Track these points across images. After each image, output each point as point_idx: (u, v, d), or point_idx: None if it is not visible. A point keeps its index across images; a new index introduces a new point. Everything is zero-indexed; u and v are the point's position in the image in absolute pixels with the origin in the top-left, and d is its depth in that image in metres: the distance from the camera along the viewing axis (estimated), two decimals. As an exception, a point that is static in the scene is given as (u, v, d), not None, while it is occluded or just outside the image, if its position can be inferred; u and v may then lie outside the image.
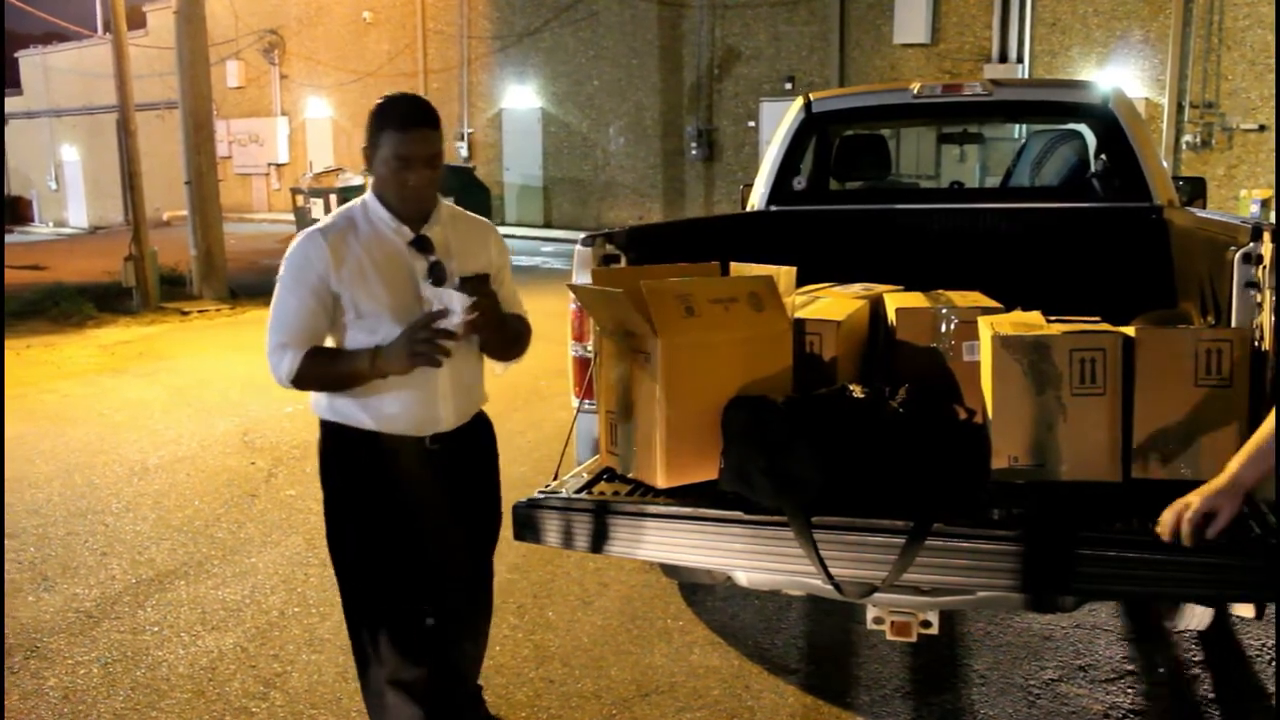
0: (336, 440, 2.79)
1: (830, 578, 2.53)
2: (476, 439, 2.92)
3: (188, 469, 6.48)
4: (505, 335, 2.82)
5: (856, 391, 2.80)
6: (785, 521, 2.56)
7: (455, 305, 2.49)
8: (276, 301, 2.68)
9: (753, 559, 2.73)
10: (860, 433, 2.67)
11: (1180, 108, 14.39)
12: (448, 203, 2.83)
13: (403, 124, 2.59)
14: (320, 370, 2.66)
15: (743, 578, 3.13)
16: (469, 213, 2.91)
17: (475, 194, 19.77)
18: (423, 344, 2.50)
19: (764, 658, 3.97)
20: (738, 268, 3.34)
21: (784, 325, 2.93)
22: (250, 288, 13.77)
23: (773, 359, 2.88)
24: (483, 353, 2.86)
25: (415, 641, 2.86)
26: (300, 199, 22.41)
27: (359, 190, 23.11)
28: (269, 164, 28.75)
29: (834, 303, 3.34)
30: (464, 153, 23.40)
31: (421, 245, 2.68)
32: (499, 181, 22.67)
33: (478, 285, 2.56)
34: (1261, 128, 13.79)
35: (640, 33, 20.02)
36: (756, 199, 5.20)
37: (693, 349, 2.74)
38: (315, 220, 20.66)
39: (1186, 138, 14.33)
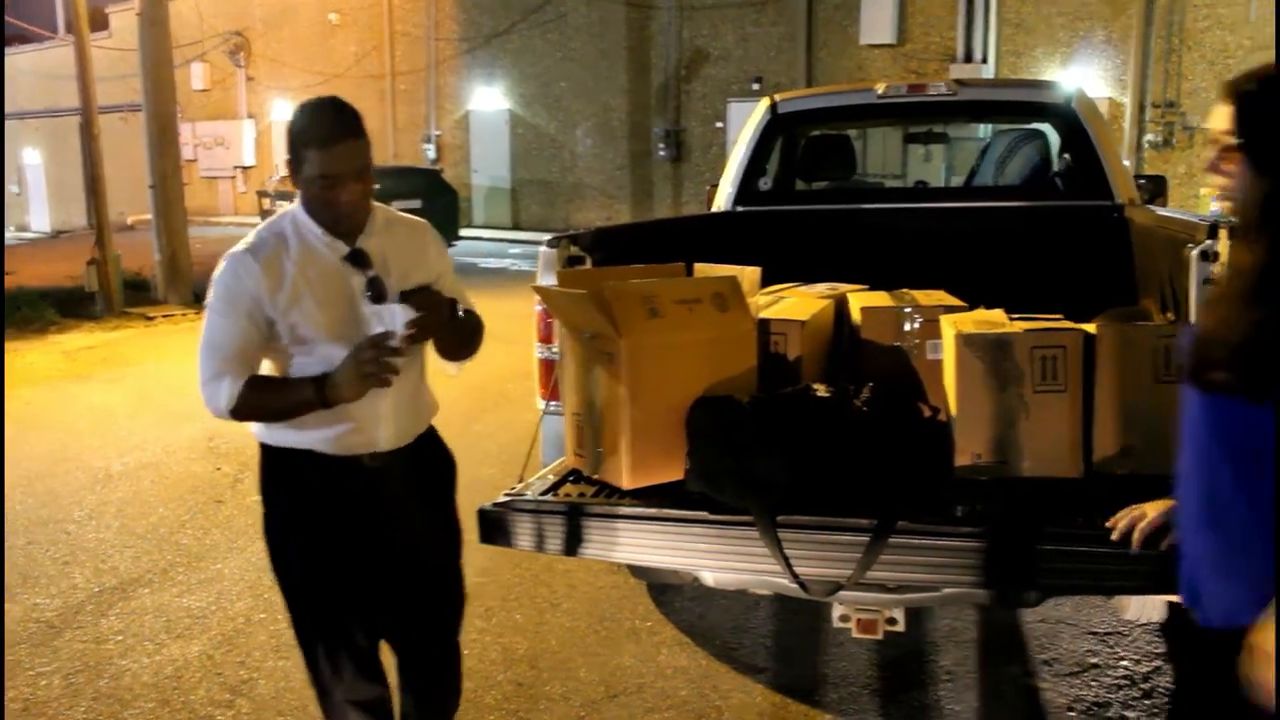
0: (273, 462, 2.62)
1: (795, 577, 2.53)
2: (423, 455, 2.72)
3: (152, 475, 6.42)
4: (456, 337, 2.65)
5: (821, 391, 2.81)
6: (751, 521, 2.57)
7: (398, 323, 2.34)
8: (208, 328, 2.47)
9: (719, 559, 2.74)
10: (825, 432, 2.67)
11: (1142, 107, 14.54)
12: (381, 205, 2.65)
13: (325, 140, 2.35)
14: (262, 401, 2.47)
15: (709, 578, 3.13)
16: (403, 214, 2.72)
17: (442, 196, 19.70)
18: (370, 365, 2.31)
19: (732, 657, 3.97)
20: (702, 268, 3.34)
21: (748, 325, 2.93)
22: (216, 292, 13.64)
23: (737, 359, 2.89)
24: (439, 354, 2.71)
25: (368, 661, 2.73)
26: (267, 202, 22.26)
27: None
28: (235, 167, 28.55)
29: (798, 302, 3.35)
30: (431, 155, 23.32)
31: (357, 260, 2.48)
32: (466, 183, 22.60)
33: (420, 298, 2.40)
34: (1222, 127, 13.95)
35: (608, 34, 20.02)
36: (723, 200, 5.20)
37: (657, 350, 2.74)
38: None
39: (1149, 137, 14.49)
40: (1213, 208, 12.09)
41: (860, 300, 3.39)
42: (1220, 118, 1.82)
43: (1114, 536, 2.22)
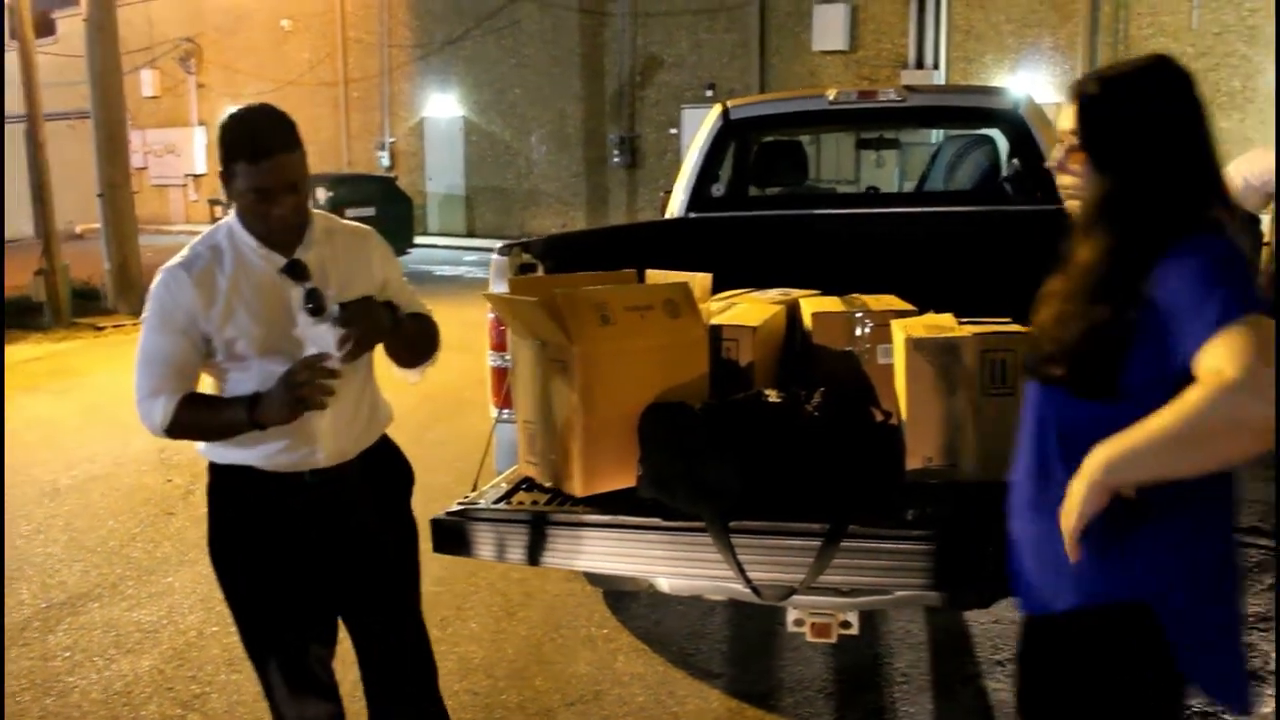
0: (217, 478, 2.55)
1: (748, 582, 2.54)
2: (375, 467, 2.63)
3: (102, 488, 6.33)
4: (404, 344, 2.56)
5: (772, 396, 2.82)
6: (704, 527, 2.57)
7: (330, 343, 2.27)
8: (143, 344, 2.41)
9: (673, 565, 2.74)
10: (776, 437, 2.69)
11: (1090, 113, 14.75)
12: (322, 213, 2.56)
13: (254, 154, 2.27)
14: (195, 420, 2.40)
15: (664, 584, 3.13)
16: (346, 222, 2.63)
17: (397, 204, 19.59)
18: (303, 389, 2.23)
19: (688, 663, 3.98)
20: (654, 275, 3.35)
21: (700, 332, 2.94)
22: (167, 301, 13.48)
23: (689, 365, 2.90)
24: (394, 362, 2.62)
25: (319, 679, 2.66)
26: (219, 210, 22.02)
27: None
28: (186, 175, 28.23)
29: (750, 308, 3.36)
30: (385, 162, 23.20)
31: (294, 271, 2.37)
32: (421, 191, 22.50)
33: (354, 311, 2.31)
34: (1167, 132, 14.19)
35: (562, 41, 20.02)
36: (676, 206, 5.22)
37: (609, 357, 2.74)
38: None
39: (1097, 141, 14.70)
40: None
41: (812, 305, 3.40)
42: (1066, 118, 1.86)
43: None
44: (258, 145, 2.28)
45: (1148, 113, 1.79)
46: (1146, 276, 1.70)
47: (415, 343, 2.61)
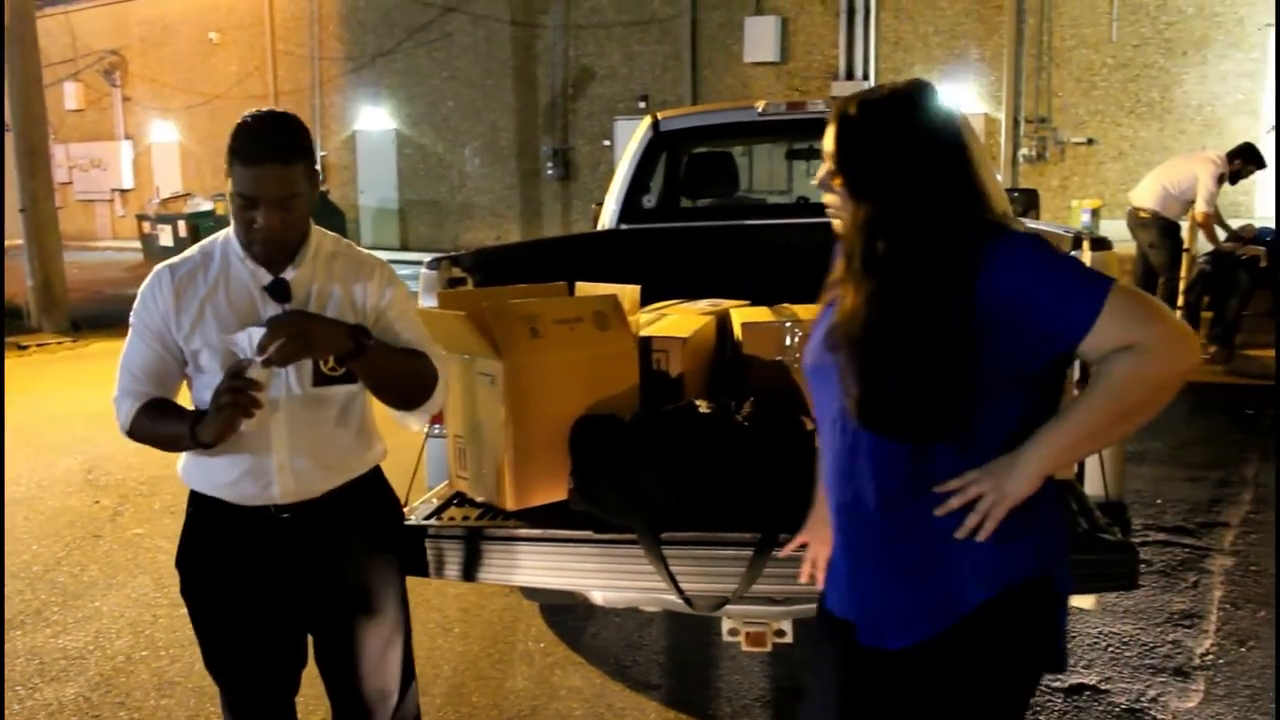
0: (194, 504, 2.46)
1: (681, 593, 2.55)
2: (348, 512, 2.45)
3: (25, 512, 6.17)
4: (375, 375, 2.35)
5: (703, 407, 2.84)
6: (635, 539, 2.58)
7: (248, 348, 2.15)
8: (126, 345, 2.36)
9: (605, 578, 2.75)
10: (707, 447, 2.70)
11: (1016, 122, 15.02)
12: (335, 237, 2.44)
13: (246, 158, 2.17)
14: (149, 426, 2.31)
15: (598, 596, 3.13)
16: (359, 250, 2.47)
17: (329, 217, 19.38)
18: (226, 394, 2.10)
19: (625, 675, 3.97)
20: (583, 287, 3.36)
21: (629, 343, 2.95)
22: (95, 319, 13.21)
23: (619, 377, 2.91)
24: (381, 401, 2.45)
25: (281, 710, 2.56)
26: (147, 226, 21.68)
27: (209, 216, 22.14)
28: (113, 190, 27.68)
29: (680, 319, 3.38)
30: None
31: (277, 291, 2.28)
32: (354, 204, 22.29)
33: (284, 318, 2.17)
34: (1090, 141, 14.50)
35: (494, 53, 19.97)
36: (607, 218, 5.23)
37: (538, 370, 2.74)
38: (164, 248, 19.63)
39: (1023, 151, 14.97)
40: (1083, 219, 12.56)
41: (742, 316, 3.43)
42: (829, 138, 1.82)
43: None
44: (251, 150, 2.18)
45: (901, 139, 1.76)
46: (972, 297, 1.68)
47: (397, 380, 2.40)
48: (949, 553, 1.78)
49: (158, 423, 2.31)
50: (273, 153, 2.18)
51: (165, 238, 21.23)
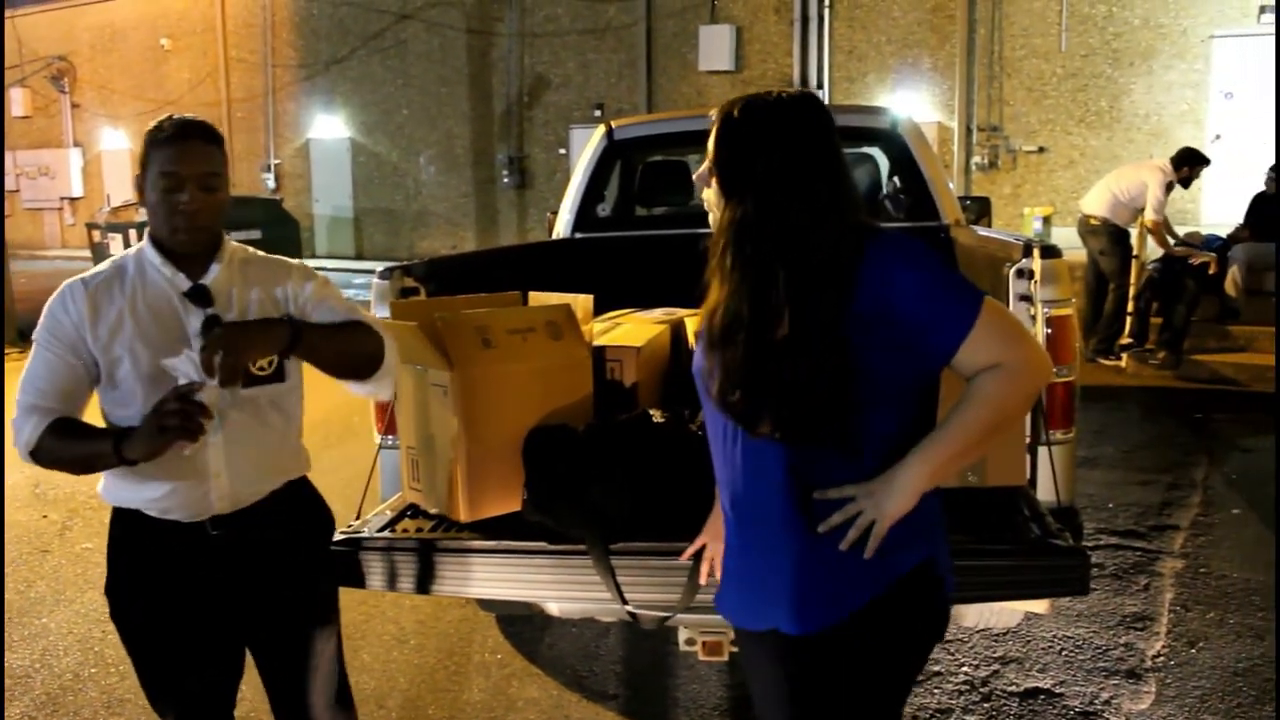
0: (116, 522, 2.40)
1: (625, 603, 2.54)
2: (282, 519, 2.43)
3: (-31, 526, 6.06)
4: (317, 357, 2.35)
5: (657, 416, 2.83)
6: (587, 549, 2.57)
7: (191, 371, 2.09)
8: (30, 360, 2.27)
9: (559, 589, 2.73)
10: (660, 457, 2.69)
11: (969, 131, 15.17)
12: (238, 243, 2.41)
13: (170, 138, 2.20)
14: (59, 446, 2.21)
15: (553, 607, 3.12)
16: (265, 255, 2.47)
17: (283, 226, 19.19)
18: (172, 419, 2.04)
19: (582, 685, 3.96)
20: (537, 297, 3.34)
21: (583, 353, 2.94)
22: (41, 329, 13.01)
23: (573, 387, 2.89)
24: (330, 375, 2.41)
25: None
26: (97, 234, 21.30)
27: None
28: (62, 198, 27.25)
29: (634, 328, 3.38)
30: (271, 184, 22.74)
31: (198, 296, 2.24)
32: (308, 213, 22.09)
33: (217, 338, 2.12)
34: (1041, 149, 14.67)
35: (449, 61, 19.90)
36: (562, 226, 5.22)
37: (490, 380, 2.72)
38: (114, 257, 19.62)
39: (976, 159, 15.12)
40: (1035, 226, 12.70)
41: (696, 324, 3.42)
42: (711, 136, 1.87)
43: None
44: (175, 129, 2.21)
45: (779, 144, 1.80)
46: (850, 305, 1.72)
47: (343, 352, 2.40)
48: (835, 554, 1.82)
49: (70, 442, 2.23)
50: (196, 130, 2.24)
51: (116, 247, 20.88)
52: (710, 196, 1.89)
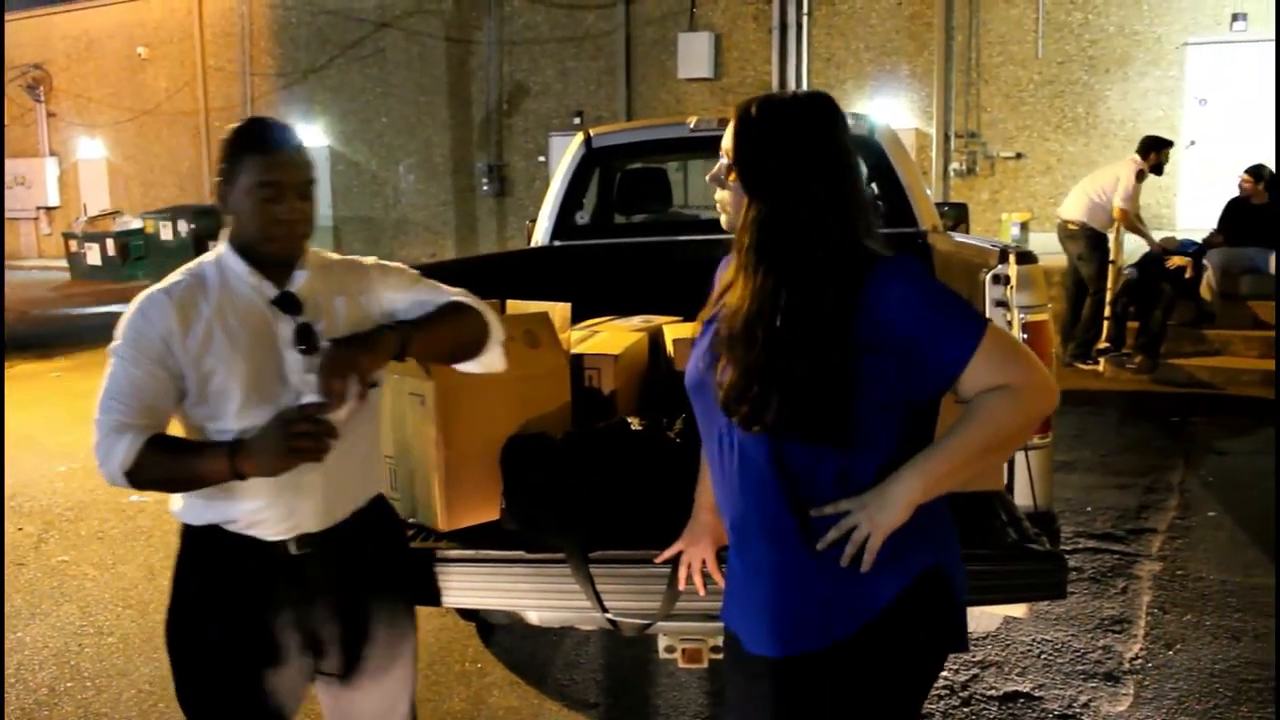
0: (188, 542, 2.25)
1: (605, 611, 2.54)
2: (367, 538, 2.33)
3: (-56, 539, 6.01)
4: (431, 353, 2.34)
5: (635, 424, 2.84)
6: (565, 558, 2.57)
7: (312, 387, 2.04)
8: (110, 377, 2.11)
9: (539, 598, 2.73)
10: (638, 464, 2.69)
11: (947, 137, 15.24)
12: (317, 249, 2.32)
13: (267, 145, 2.11)
14: (163, 463, 2.08)
15: (533, 615, 3.11)
16: (341, 256, 2.39)
17: (263, 235, 19.12)
18: (305, 439, 1.98)
19: (563, 694, 3.95)
20: (515, 305, 3.34)
21: (560, 361, 2.94)
22: (21, 340, 12.89)
23: (550, 395, 2.89)
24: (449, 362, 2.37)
25: None
26: (74, 244, 21.26)
27: (138, 234, 21.67)
28: (38, 208, 27.08)
29: (612, 336, 3.38)
30: (250, 192, 22.67)
31: (286, 303, 2.16)
32: (288, 221, 22.04)
33: (333, 363, 2.05)
34: (1018, 155, 14.75)
35: (428, 69, 19.87)
36: (540, 234, 5.22)
37: (467, 389, 2.71)
38: (93, 267, 19.19)
39: (954, 165, 15.18)
40: (1013, 232, 12.77)
41: (674, 332, 3.44)
42: (727, 136, 1.87)
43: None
44: (270, 137, 2.13)
45: (798, 142, 1.80)
46: (852, 318, 1.73)
47: (455, 338, 2.35)
48: (839, 567, 1.82)
49: (174, 458, 2.10)
50: (293, 142, 2.16)
51: (93, 256, 20.83)
52: (724, 198, 1.89)
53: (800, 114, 1.82)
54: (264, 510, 2.17)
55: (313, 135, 21.66)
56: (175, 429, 2.20)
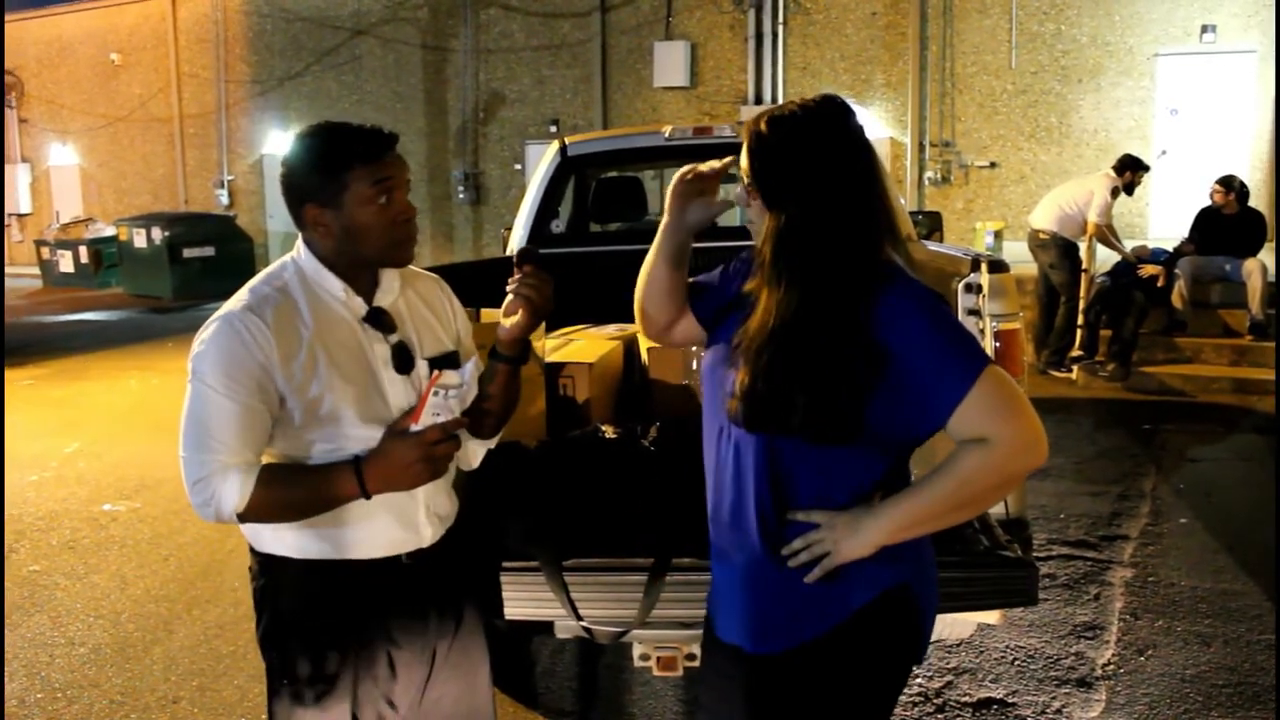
0: (278, 574, 2.11)
1: (580, 620, 2.54)
2: (459, 545, 2.29)
3: (-89, 550, 5.94)
4: (510, 396, 2.26)
5: (609, 432, 2.84)
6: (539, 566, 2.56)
7: (454, 406, 2.01)
8: (201, 410, 1.94)
9: (512, 606, 2.72)
10: (611, 473, 2.70)
11: (922, 146, 15.33)
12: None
13: (375, 150, 1.99)
14: (281, 495, 1.96)
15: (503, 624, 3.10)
16: (415, 269, 2.26)
17: (237, 243, 19.05)
18: (444, 461, 1.97)
19: (539, 702, 3.94)
20: (489, 313, 3.33)
21: (535, 370, 2.94)
22: (-12, 348, 12.81)
23: (525, 403, 2.88)
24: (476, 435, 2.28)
25: None
26: (47, 251, 21.11)
27: (112, 241, 21.42)
28: (10, 214, 26.90)
29: (587, 345, 3.38)
30: (224, 200, 22.55)
31: (378, 320, 2.07)
32: (262, 229, 21.92)
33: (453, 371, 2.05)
34: (993, 164, 14.86)
35: (404, 77, 19.86)
36: (515, 242, 5.21)
37: (442, 397, 2.70)
38: (65, 274, 19.02)
39: (929, 174, 15.28)
40: (987, 240, 12.84)
41: (649, 341, 3.44)
42: (744, 155, 1.89)
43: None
44: (372, 141, 2.00)
45: (812, 150, 1.81)
46: (866, 325, 1.74)
47: (508, 406, 2.27)
48: (795, 577, 1.85)
49: (292, 488, 1.98)
50: (385, 134, 2.04)
51: (66, 264, 20.68)
52: (754, 215, 1.90)
53: (810, 123, 1.83)
54: (386, 533, 2.09)
55: (288, 142, 21.58)
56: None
